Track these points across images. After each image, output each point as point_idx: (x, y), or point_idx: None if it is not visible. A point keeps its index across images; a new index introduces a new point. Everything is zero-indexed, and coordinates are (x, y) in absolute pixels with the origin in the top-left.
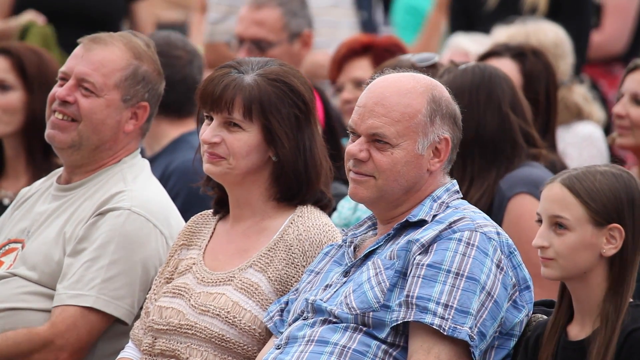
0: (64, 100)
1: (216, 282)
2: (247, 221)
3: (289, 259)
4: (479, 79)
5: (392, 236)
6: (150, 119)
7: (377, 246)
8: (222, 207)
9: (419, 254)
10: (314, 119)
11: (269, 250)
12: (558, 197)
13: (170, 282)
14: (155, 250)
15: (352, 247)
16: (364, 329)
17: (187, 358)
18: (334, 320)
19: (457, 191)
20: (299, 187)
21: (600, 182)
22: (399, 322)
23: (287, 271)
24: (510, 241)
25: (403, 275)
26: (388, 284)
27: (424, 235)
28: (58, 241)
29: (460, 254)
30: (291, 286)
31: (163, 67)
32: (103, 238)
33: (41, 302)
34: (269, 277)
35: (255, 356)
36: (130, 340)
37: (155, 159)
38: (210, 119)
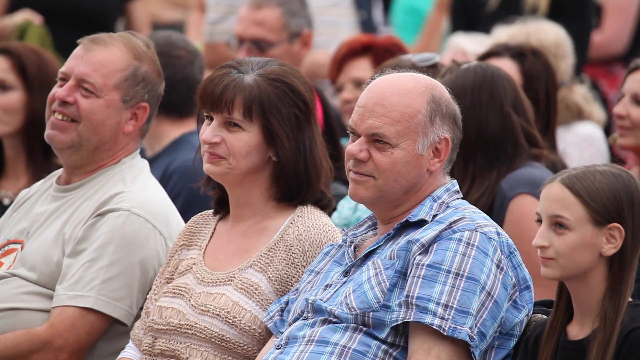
0: (63, 100)
1: (216, 282)
2: (247, 221)
3: (289, 259)
4: (481, 79)
5: (392, 236)
6: (149, 119)
7: (377, 246)
8: (223, 207)
9: (419, 254)
10: (314, 119)
11: (269, 250)
12: (558, 197)
13: (171, 282)
14: (155, 251)
15: (352, 247)
16: (364, 329)
17: (187, 358)
18: (334, 320)
19: (457, 191)
20: (299, 187)
21: (600, 181)
22: (399, 322)
23: (287, 271)
24: (510, 241)
25: (403, 275)
26: (388, 284)
27: (424, 235)
28: (57, 242)
29: (460, 254)
30: (291, 286)
31: (164, 67)
32: (102, 239)
33: (40, 302)
34: (269, 277)
35: (255, 356)
36: (130, 341)
37: (156, 159)
38: (210, 119)
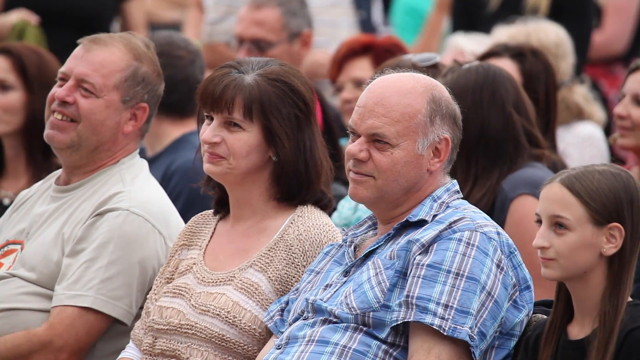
0: (63, 100)
1: (216, 282)
2: (247, 221)
3: (289, 258)
4: (482, 79)
5: (392, 236)
6: (149, 120)
7: (377, 246)
8: (223, 207)
9: (419, 254)
10: (314, 119)
11: (269, 250)
12: (558, 197)
13: (171, 282)
14: (154, 251)
15: (352, 246)
16: (364, 329)
17: (187, 358)
18: (334, 320)
19: (458, 191)
20: (299, 187)
21: (599, 181)
22: (399, 322)
23: (287, 271)
24: (510, 241)
25: (403, 275)
26: (388, 284)
27: (424, 235)
28: (57, 242)
29: (461, 254)
30: (291, 286)
31: (165, 67)
32: (102, 238)
33: (40, 302)
34: (269, 277)
35: (256, 356)
36: (130, 340)
37: (157, 159)
38: (210, 118)
